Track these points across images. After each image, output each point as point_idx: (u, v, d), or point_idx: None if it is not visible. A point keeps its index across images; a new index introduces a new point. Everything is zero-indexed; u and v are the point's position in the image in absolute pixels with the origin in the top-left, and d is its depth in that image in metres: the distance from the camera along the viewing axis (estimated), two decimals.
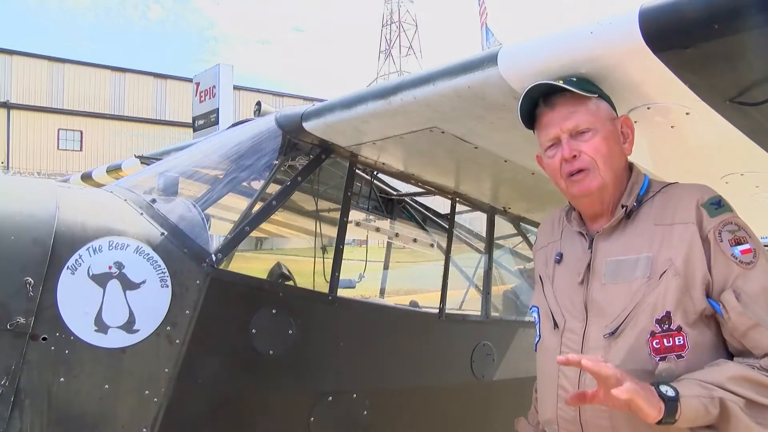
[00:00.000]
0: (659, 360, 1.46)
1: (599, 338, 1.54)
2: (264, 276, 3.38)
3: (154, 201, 2.50)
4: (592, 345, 1.55)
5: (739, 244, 1.46)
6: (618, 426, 1.49)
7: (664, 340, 1.46)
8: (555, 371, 1.62)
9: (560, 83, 1.59)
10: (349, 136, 2.53)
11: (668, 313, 1.46)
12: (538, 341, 1.75)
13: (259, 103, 3.53)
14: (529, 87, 1.62)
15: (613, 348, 1.51)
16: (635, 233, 1.58)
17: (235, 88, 22.93)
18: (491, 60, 1.76)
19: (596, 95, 1.62)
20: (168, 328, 2.20)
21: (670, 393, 1.36)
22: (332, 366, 2.65)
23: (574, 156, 1.58)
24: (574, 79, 1.62)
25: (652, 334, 1.47)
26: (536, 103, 1.65)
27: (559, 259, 1.73)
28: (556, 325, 1.66)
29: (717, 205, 1.51)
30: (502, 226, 3.80)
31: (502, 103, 1.88)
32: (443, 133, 2.25)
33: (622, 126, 1.65)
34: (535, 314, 1.79)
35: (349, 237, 3.26)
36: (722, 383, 1.38)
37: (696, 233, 1.48)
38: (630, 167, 1.69)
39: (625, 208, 1.60)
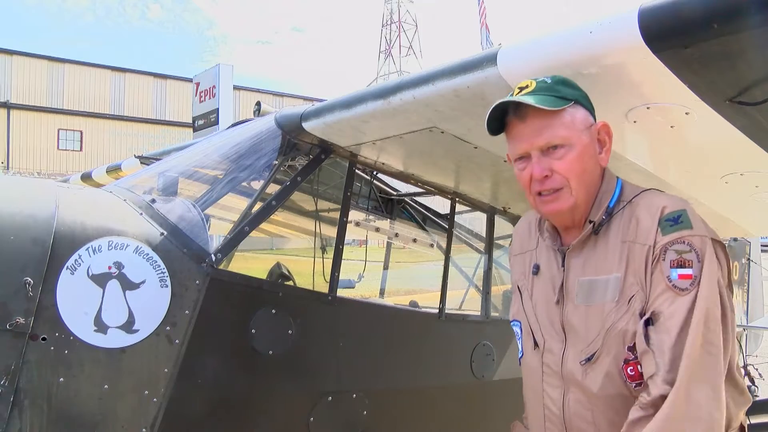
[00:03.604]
0: (635, 386, 1.40)
1: (576, 363, 1.51)
2: (264, 276, 3.37)
3: (153, 201, 2.50)
4: (570, 368, 1.52)
5: (680, 266, 1.35)
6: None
7: (639, 367, 1.39)
8: (540, 391, 1.62)
9: (530, 96, 1.43)
10: (348, 136, 2.53)
11: None
12: (521, 356, 1.73)
13: (258, 103, 3.53)
14: (496, 103, 1.49)
15: (590, 374, 1.48)
16: (605, 250, 1.49)
17: (235, 88, 22.95)
18: (491, 60, 1.75)
19: (572, 101, 1.48)
20: (167, 328, 2.20)
21: None
22: (332, 366, 2.65)
23: (546, 176, 1.48)
24: (548, 81, 1.48)
25: (626, 362, 1.42)
26: (506, 109, 1.50)
27: (536, 271, 1.65)
28: (536, 344, 1.62)
29: (674, 221, 1.40)
30: (502, 226, 3.80)
31: None
32: (443, 133, 2.25)
33: (599, 133, 1.53)
34: (517, 329, 1.73)
35: (349, 237, 3.26)
36: None
37: (651, 255, 1.40)
38: (602, 173, 1.57)
39: (592, 224, 1.51)
